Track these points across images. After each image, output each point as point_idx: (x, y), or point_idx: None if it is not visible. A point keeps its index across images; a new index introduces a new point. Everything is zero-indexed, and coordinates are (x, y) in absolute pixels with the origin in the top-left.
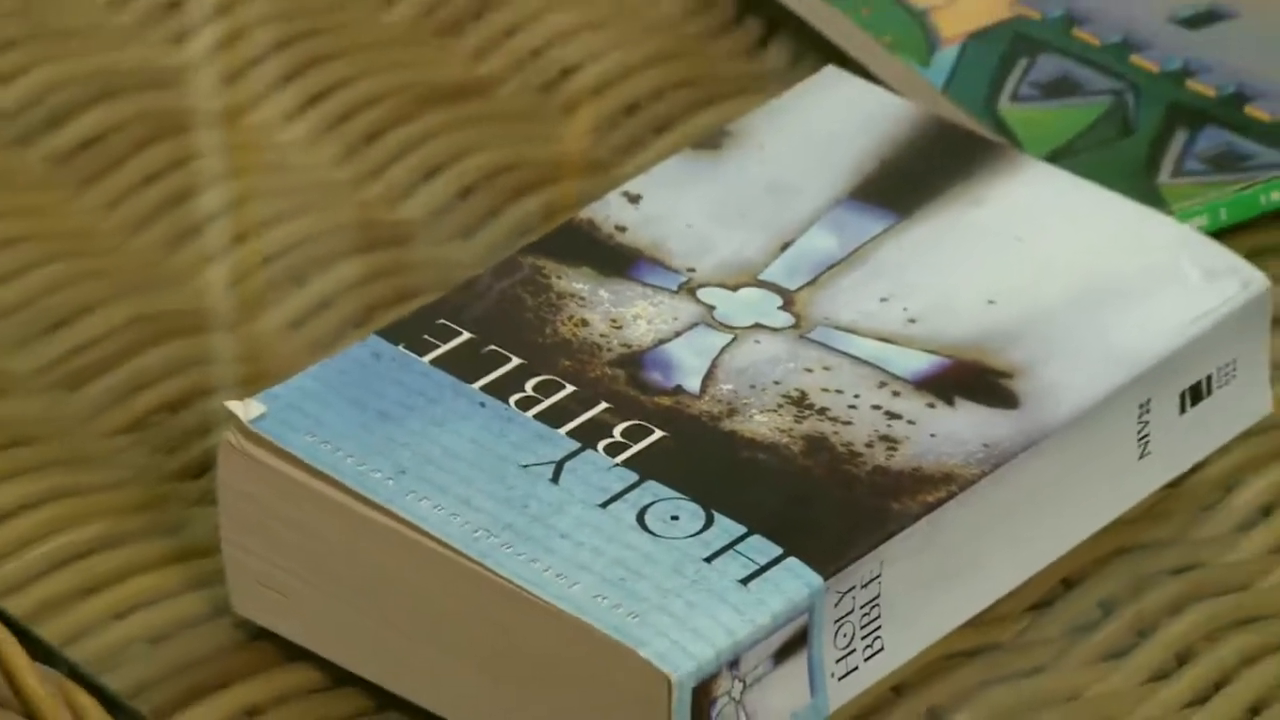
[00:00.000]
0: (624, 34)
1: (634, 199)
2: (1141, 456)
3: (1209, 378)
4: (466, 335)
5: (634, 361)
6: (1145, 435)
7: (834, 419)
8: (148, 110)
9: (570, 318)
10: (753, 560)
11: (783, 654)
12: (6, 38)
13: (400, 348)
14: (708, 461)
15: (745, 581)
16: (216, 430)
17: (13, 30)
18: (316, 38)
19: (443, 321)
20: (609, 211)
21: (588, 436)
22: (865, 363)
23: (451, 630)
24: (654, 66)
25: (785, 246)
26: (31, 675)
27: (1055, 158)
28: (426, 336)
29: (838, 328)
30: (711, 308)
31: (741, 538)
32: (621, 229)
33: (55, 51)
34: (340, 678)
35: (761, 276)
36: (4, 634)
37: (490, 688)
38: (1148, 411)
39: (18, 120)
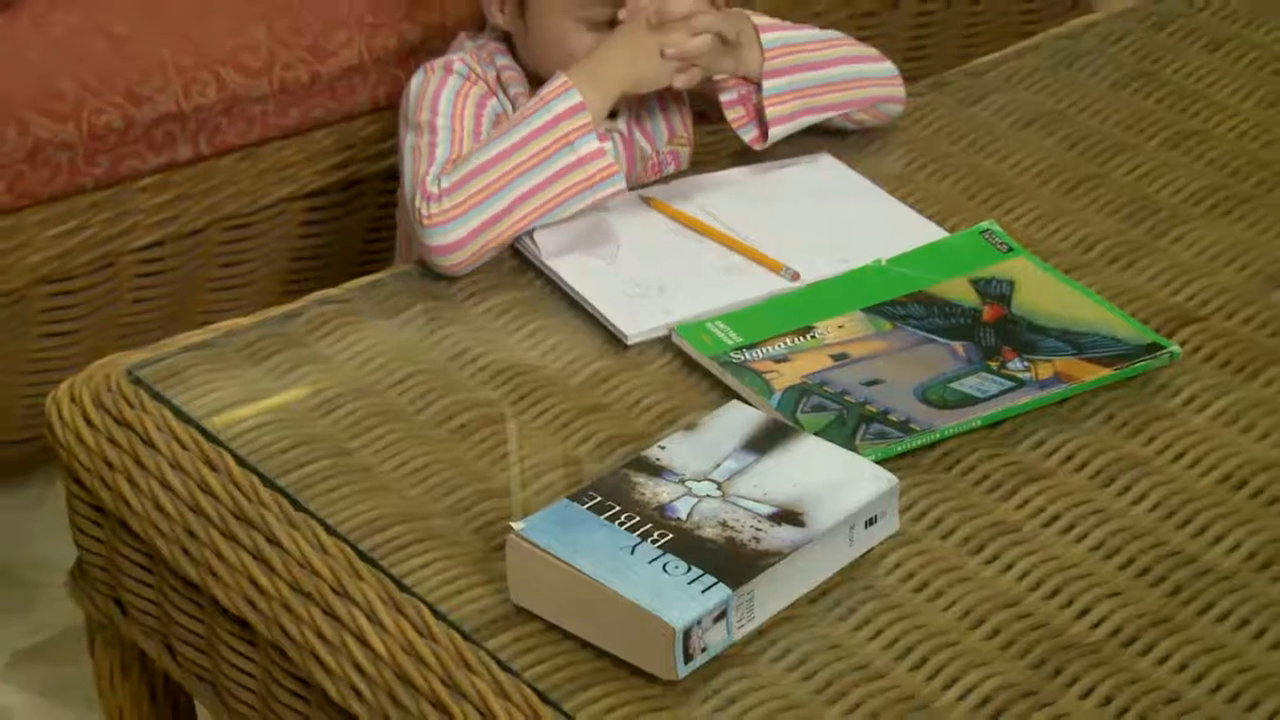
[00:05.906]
0: (652, 390)
1: (662, 448)
2: (850, 545)
3: (875, 516)
4: (599, 498)
5: (661, 509)
6: (852, 538)
7: (736, 530)
8: (484, 414)
9: (638, 492)
10: (706, 584)
11: (716, 619)
12: (429, 386)
13: (574, 503)
14: (689, 546)
15: (703, 592)
16: (506, 533)
17: (417, 379)
18: (530, 415)
19: (590, 492)
20: (652, 453)
21: (643, 537)
22: (748, 510)
23: (593, 608)
24: (666, 403)
25: (717, 466)
26: (434, 622)
27: (818, 434)
28: (584, 499)
29: (739, 496)
30: (690, 488)
31: (701, 575)
32: (658, 459)
33: (422, 369)
34: (552, 627)
35: (709, 478)
36: (425, 609)
37: (607, 633)
38: (853, 529)
39: (430, 412)
